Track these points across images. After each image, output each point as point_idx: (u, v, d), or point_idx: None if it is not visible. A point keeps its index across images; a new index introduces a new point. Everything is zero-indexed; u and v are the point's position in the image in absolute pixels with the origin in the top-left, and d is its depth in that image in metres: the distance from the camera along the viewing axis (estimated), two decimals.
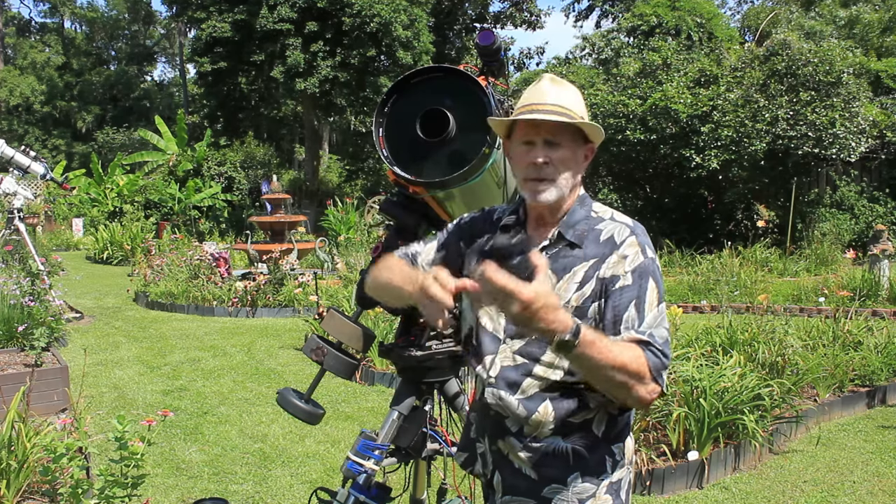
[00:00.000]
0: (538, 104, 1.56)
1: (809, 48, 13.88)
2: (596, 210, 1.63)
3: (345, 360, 2.00)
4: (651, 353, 1.47)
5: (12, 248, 8.58)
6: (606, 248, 1.55)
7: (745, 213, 14.65)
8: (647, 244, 1.56)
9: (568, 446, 1.56)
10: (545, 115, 1.53)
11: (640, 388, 1.45)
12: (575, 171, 1.60)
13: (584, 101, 1.63)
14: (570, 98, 1.58)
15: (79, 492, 2.76)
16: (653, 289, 1.52)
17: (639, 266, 1.53)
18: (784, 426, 4.32)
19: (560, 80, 1.62)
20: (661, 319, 1.51)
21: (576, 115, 1.56)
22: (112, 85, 41.58)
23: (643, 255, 1.54)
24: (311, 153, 25.25)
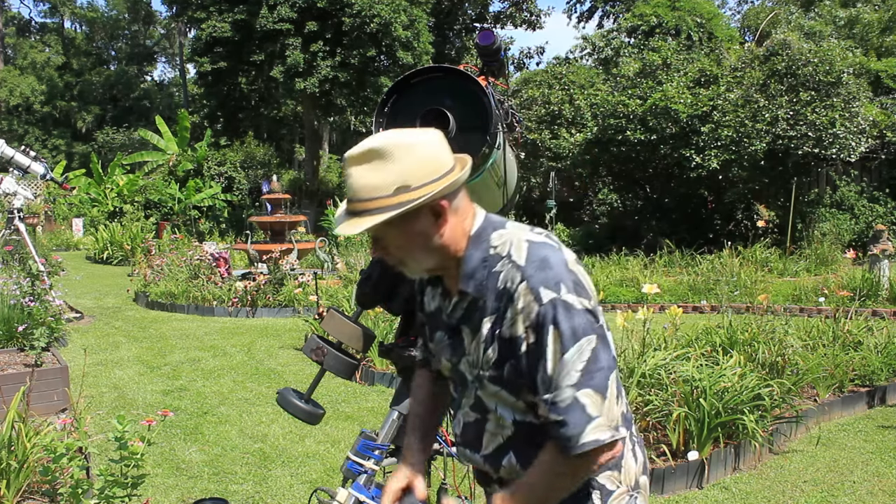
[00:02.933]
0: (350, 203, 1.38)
1: (809, 48, 13.88)
2: (495, 244, 1.39)
3: (345, 360, 2.00)
4: (557, 432, 1.31)
5: (12, 248, 8.58)
6: (502, 301, 1.35)
7: (745, 213, 14.65)
8: (542, 283, 1.31)
9: None
10: (342, 228, 1.38)
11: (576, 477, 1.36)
12: (422, 243, 1.38)
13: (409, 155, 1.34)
14: (371, 180, 1.34)
15: (79, 492, 2.76)
16: (552, 341, 1.30)
17: (534, 320, 1.31)
18: (784, 426, 4.32)
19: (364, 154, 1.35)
20: (566, 374, 1.30)
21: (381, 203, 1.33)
22: (112, 85, 41.58)
23: (536, 302, 1.31)
24: (311, 153, 25.26)
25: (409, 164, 1.34)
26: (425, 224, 1.38)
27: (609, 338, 1.38)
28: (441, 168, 1.37)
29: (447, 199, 1.38)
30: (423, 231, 1.38)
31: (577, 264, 1.38)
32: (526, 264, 1.34)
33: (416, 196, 1.33)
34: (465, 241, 1.41)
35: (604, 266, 11.26)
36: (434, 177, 1.35)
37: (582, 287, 1.35)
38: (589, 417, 1.30)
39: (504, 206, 2.16)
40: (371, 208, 1.35)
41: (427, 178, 1.34)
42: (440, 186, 1.34)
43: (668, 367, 4.15)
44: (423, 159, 1.35)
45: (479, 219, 1.44)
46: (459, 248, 1.41)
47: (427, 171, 1.35)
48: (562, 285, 1.32)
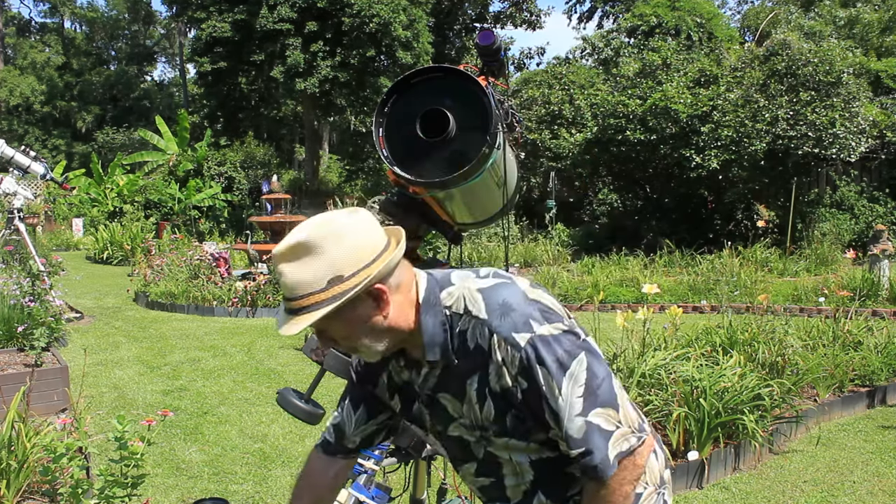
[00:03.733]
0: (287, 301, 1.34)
1: (809, 48, 13.89)
2: (448, 304, 1.35)
3: (345, 360, 2.00)
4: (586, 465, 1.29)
5: (12, 248, 8.58)
6: (479, 360, 1.32)
7: (745, 213, 14.66)
8: (513, 329, 1.27)
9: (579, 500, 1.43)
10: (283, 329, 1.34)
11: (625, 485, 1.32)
12: (366, 329, 1.34)
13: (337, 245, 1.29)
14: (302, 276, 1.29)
15: (79, 492, 2.76)
16: (545, 379, 1.27)
17: (519, 366, 1.28)
18: (784, 426, 4.32)
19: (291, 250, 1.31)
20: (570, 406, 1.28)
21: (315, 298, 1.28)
22: (112, 85, 41.59)
23: (514, 349, 1.27)
24: (311, 153, 25.26)
25: (339, 254, 1.29)
26: (367, 310, 1.33)
27: (596, 348, 1.35)
28: (373, 251, 1.32)
29: (384, 281, 1.32)
30: (365, 317, 1.33)
31: (535, 290, 1.35)
32: (489, 316, 1.30)
33: (349, 286, 1.29)
34: (415, 312, 1.36)
35: (604, 266, 11.26)
36: (366, 262, 1.30)
37: (550, 312, 1.32)
38: (608, 434, 1.29)
39: (504, 206, 2.16)
40: (306, 305, 1.30)
41: (359, 264, 1.29)
42: (374, 271, 1.30)
43: (668, 367, 4.15)
44: (352, 247, 1.30)
45: (422, 283, 1.39)
46: (410, 321, 1.36)
47: (358, 257, 1.30)
48: (531, 322, 1.29)
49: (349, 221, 1.34)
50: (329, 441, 1.68)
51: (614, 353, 4.24)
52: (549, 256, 12.81)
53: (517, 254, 12.90)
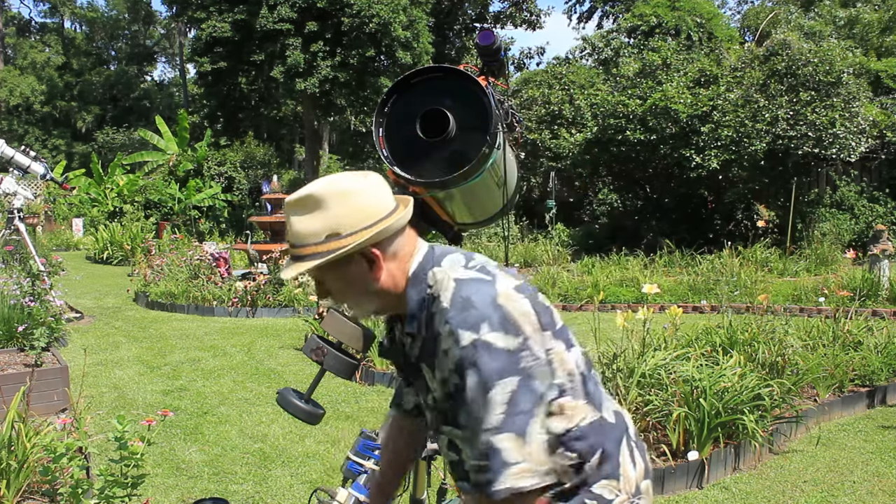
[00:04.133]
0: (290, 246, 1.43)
1: (809, 48, 13.89)
2: (431, 284, 1.39)
3: (345, 360, 2.00)
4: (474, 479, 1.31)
5: (12, 248, 8.58)
6: (435, 345, 1.35)
7: (745, 213, 14.66)
8: (461, 325, 1.29)
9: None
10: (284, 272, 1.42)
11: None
12: (359, 288, 1.42)
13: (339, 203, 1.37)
14: (305, 227, 1.38)
15: (79, 492, 2.76)
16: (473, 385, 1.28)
17: (455, 363, 1.30)
18: (784, 426, 4.32)
19: (297, 201, 1.39)
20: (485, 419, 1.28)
21: (314, 248, 1.38)
22: (112, 85, 41.60)
23: (456, 346, 1.29)
24: (311, 153, 25.27)
25: (341, 212, 1.37)
26: (360, 270, 1.40)
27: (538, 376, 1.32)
28: (373, 216, 1.38)
29: (379, 246, 1.39)
30: (358, 276, 1.41)
31: (511, 297, 1.34)
32: (450, 306, 1.32)
33: (345, 244, 1.36)
34: (405, 283, 1.42)
35: (604, 266, 11.26)
36: (364, 224, 1.37)
37: (510, 323, 1.31)
38: (506, 463, 1.27)
39: (504, 206, 2.16)
40: (305, 254, 1.39)
41: (357, 225, 1.37)
42: (369, 234, 1.37)
43: (668, 367, 4.15)
44: (355, 207, 1.38)
45: (418, 257, 1.43)
46: (399, 290, 1.42)
47: (358, 218, 1.37)
48: (483, 325, 1.29)
49: (358, 183, 1.40)
50: (395, 400, 1.81)
51: (614, 353, 4.24)
52: (549, 256, 12.81)
53: (517, 254, 12.90)
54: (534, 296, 1.41)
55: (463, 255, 1.44)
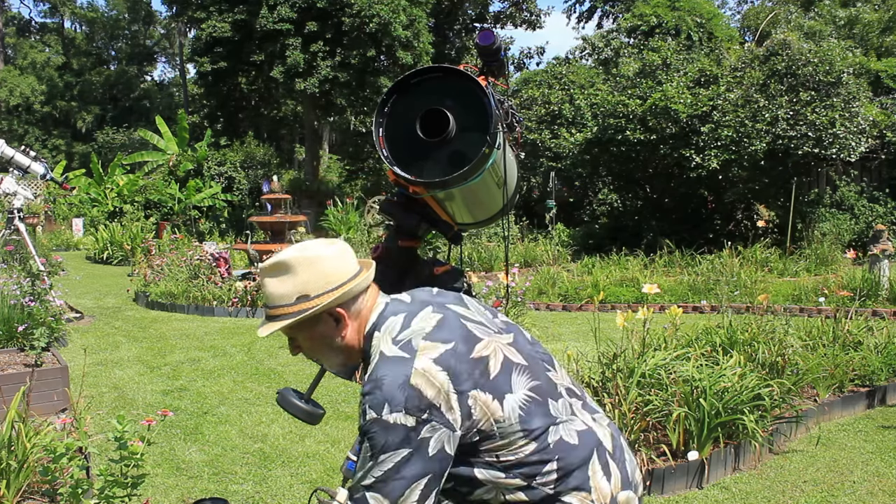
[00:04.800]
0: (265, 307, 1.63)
1: (809, 48, 13.88)
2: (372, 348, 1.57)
3: None
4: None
5: (12, 248, 8.57)
6: None
7: (745, 213, 14.65)
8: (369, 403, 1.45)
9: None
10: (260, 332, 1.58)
11: None
12: (327, 344, 1.61)
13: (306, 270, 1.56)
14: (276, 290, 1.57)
15: (79, 492, 2.76)
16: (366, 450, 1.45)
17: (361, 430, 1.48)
18: (784, 426, 4.32)
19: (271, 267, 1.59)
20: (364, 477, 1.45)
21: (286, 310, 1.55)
22: (112, 85, 41.61)
23: (363, 417, 1.46)
24: (311, 153, 25.26)
25: (309, 277, 1.56)
26: (327, 328, 1.59)
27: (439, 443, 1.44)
28: (339, 279, 1.57)
29: (344, 306, 1.58)
30: (325, 334, 1.59)
31: (424, 374, 1.45)
32: (367, 381, 1.49)
33: (312, 305, 1.55)
34: (360, 346, 1.61)
35: (604, 266, 11.26)
36: (329, 287, 1.55)
37: (413, 404, 1.43)
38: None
39: (504, 206, 2.16)
40: (277, 314, 1.57)
41: (323, 288, 1.55)
42: (334, 296, 1.55)
43: (668, 367, 4.14)
44: (321, 272, 1.56)
45: (373, 315, 1.60)
46: (358, 347, 1.61)
47: (324, 282, 1.56)
48: (385, 406, 1.43)
49: (324, 250, 1.60)
50: None
51: (614, 353, 4.24)
52: (549, 256, 12.80)
53: (517, 254, 12.89)
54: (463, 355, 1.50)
55: (402, 319, 1.56)
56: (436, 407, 1.45)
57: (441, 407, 1.46)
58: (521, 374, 1.56)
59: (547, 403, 1.56)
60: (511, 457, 1.51)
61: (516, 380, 1.55)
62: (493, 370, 1.52)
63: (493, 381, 1.51)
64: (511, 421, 1.50)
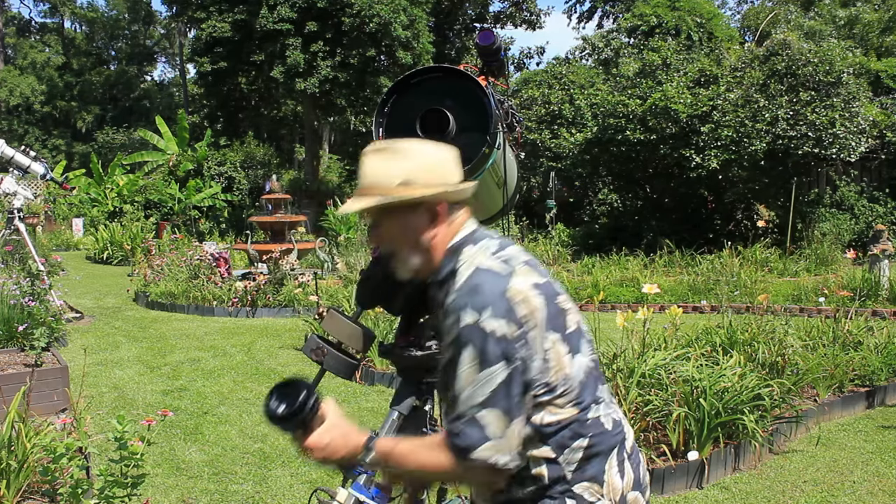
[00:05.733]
0: (358, 188, 1.55)
1: (809, 48, 13.88)
2: (461, 259, 1.50)
3: (345, 360, 2.00)
4: (452, 442, 1.40)
5: (12, 248, 8.57)
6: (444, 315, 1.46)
7: (745, 213, 14.65)
8: (466, 306, 1.39)
9: (520, 494, 1.50)
10: (344, 207, 1.54)
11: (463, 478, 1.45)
12: (413, 238, 1.52)
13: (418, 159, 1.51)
14: (380, 169, 1.51)
15: (79, 492, 2.76)
16: (466, 361, 1.37)
17: (454, 337, 1.40)
18: (784, 426, 4.32)
19: (380, 148, 1.54)
20: (473, 394, 1.37)
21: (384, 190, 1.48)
22: (112, 85, 41.60)
23: (457, 323, 1.39)
24: (311, 153, 25.25)
25: (417, 165, 1.50)
26: (420, 222, 1.51)
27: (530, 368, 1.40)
28: (445, 179, 1.51)
29: (445, 206, 1.51)
30: (417, 227, 1.51)
31: (521, 292, 1.41)
32: (461, 285, 1.43)
33: (415, 192, 1.47)
34: (442, 253, 1.52)
35: (604, 266, 11.26)
36: (436, 182, 1.49)
37: (512, 315, 1.38)
38: (486, 437, 1.37)
39: (504, 206, 2.16)
40: (373, 193, 1.49)
41: (430, 181, 1.49)
42: (440, 191, 1.48)
43: (668, 367, 4.14)
44: (430, 164, 1.51)
45: (463, 232, 1.54)
46: (438, 254, 1.53)
47: (432, 175, 1.50)
48: (486, 310, 1.37)
49: (438, 150, 1.55)
50: None
51: (614, 353, 4.24)
52: (549, 256, 12.80)
53: None
54: (552, 296, 1.47)
55: (498, 242, 1.53)
56: (531, 327, 1.41)
57: (534, 329, 1.41)
58: (587, 343, 1.54)
59: (597, 380, 1.55)
60: (553, 418, 1.45)
61: (584, 345, 1.52)
62: (570, 326, 1.49)
63: (568, 335, 1.48)
64: (573, 383, 1.47)
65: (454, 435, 1.39)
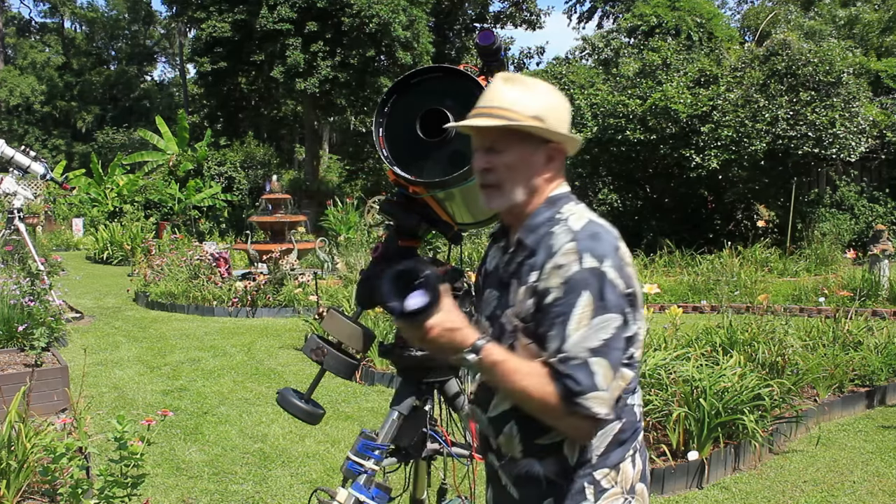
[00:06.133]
0: (482, 108, 1.50)
1: (809, 48, 13.88)
2: (563, 211, 1.50)
3: (345, 360, 2.00)
4: (559, 381, 1.35)
5: (12, 248, 8.57)
6: (545, 257, 1.43)
7: (745, 213, 14.65)
8: (589, 250, 1.38)
9: (541, 471, 1.48)
10: (470, 121, 1.49)
11: (557, 421, 1.39)
12: (528, 174, 1.49)
13: (550, 99, 1.52)
14: (517, 97, 1.48)
15: (79, 492, 2.76)
16: (585, 303, 1.36)
17: (570, 278, 1.37)
18: (784, 426, 4.32)
19: (514, 78, 1.52)
20: (588, 337, 1.35)
21: (520, 117, 1.46)
22: (112, 85, 41.59)
23: (579, 263, 1.37)
24: (311, 153, 25.25)
25: (550, 106, 1.51)
26: (538, 159, 1.50)
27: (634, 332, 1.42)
28: (567, 127, 1.54)
29: (563, 153, 1.54)
30: (532, 163, 1.50)
31: (627, 256, 1.46)
32: (580, 230, 1.43)
33: (545, 127, 1.47)
34: (543, 199, 1.52)
35: None
36: (563, 128, 1.51)
37: (624, 272, 1.41)
38: (595, 385, 1.35)
39: None
40: (506, 115, 1.46)
41: (557, 125, 1.50)
42: (564, 135, 1.51)
43: (668, 367, 4.15)
44: (560, 110, 1.53)
45: (562, 188, 1.56)
46: (539, 198, 1.52)
47: (559, 121, 1.51)
48: (607, 259, 1.39)
49: (563, 99, 1.56)
50: None
51: None
52: None
53: None
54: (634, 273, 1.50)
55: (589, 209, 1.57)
56: (635, 292, 1.43)
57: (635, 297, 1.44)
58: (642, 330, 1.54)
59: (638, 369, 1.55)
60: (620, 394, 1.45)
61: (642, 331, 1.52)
62: (638, 306, 1.49)
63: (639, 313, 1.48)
64: (637, 363, 1.47)
65: (565, 375, 1.35)
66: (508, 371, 1.39)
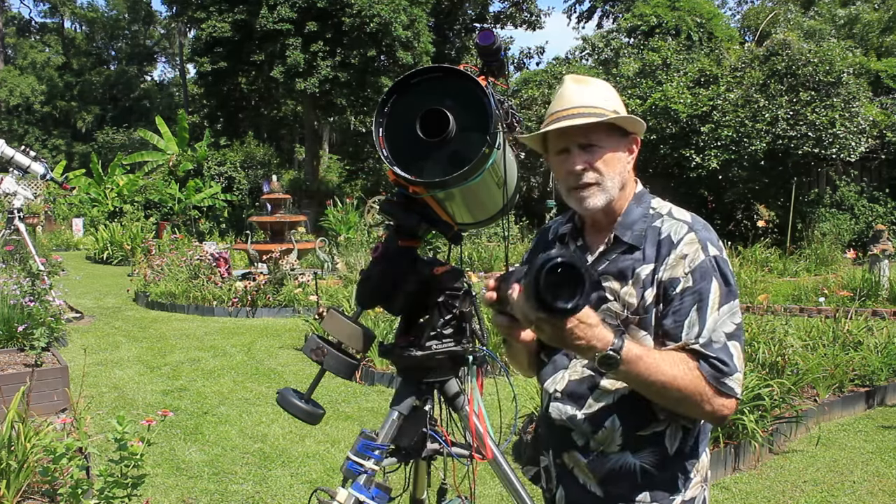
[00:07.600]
0: (562, 111, 1.53)
1: (809, 48, 13.89)
2: (654, 206, 1.56)
3: (345, 360, 2.00)
4: (707, 363, 1.39)
5: (12, 248, 8.57)
6: (664, 249, 1.47)
7: (745, 213, 14.66)
8: (708, 240, 1.46)
9: (637, 463, 1.50)
10: (568, 122, 1.50)
11: (704, 403, 1.40)
12: (620, 168, 1.53)
13: (614, 92, 1.59)
14: (596, 94, 1.53)
15: (79, 492, 2.76)
16: (715, 290, 1.43)
17: (699, 266, 1.43)
18: (784, 426, 4.32)
19: (583, 79, 1.57)
20: (723, 322, 1.42)
21: (604, 111, 1.50)
22: (112, 85, 41.60)
23: (703, 252, 1.44)
24: (311, 153, 25.25)
25: (618, 99, 1.57)
26: (623, 152, 1.55)
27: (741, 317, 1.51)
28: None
29: (638, 143, 1.59)
30: (622, 157, 1.55)
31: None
32: (693, 221, 1.50)
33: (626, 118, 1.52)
34: (630, 194, 1.58)
35: None
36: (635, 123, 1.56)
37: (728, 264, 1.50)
38: (735, 367, 1.41)
39: (504, 206, 2.15)
40: (597, 112, 1.50)
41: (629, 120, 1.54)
42: (642, 124, 1.55)
43: None
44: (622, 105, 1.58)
45: (639, 185, 1.62)
46: (628, 194, 1.57)
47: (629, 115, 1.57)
48: (722, 248, 1.49)
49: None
50: None
51: None
52: None
53: (517, 254, 12.88)
54: None
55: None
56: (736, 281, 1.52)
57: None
58: None
59: None
60: None
61: None
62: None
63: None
64: None
65: (714, 358, 1.39)
66: (654, 362, 1.38)
